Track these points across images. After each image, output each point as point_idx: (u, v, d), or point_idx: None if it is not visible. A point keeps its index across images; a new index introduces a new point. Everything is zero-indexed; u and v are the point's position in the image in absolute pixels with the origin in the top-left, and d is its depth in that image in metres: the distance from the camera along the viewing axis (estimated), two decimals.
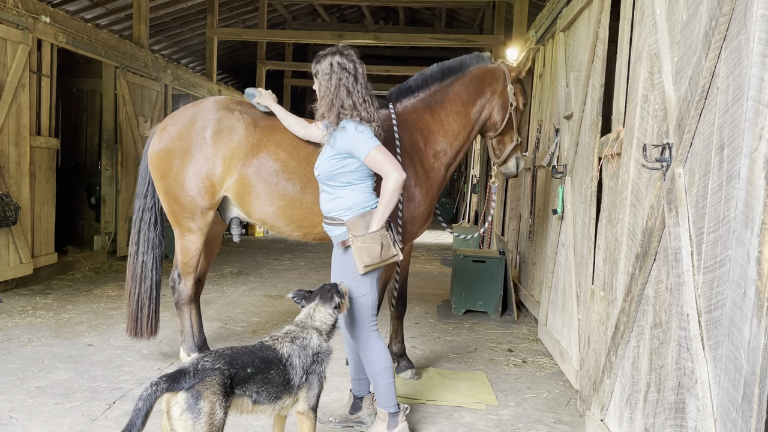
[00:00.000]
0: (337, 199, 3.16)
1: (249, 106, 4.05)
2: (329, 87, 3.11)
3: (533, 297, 5.94)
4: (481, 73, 4.13)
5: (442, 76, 4.09)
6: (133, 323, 4.25)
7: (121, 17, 11.34)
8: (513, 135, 4.24)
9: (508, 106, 4.12)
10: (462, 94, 4.07)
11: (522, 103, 4.23)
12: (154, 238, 4.26)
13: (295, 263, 9.22)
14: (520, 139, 4.29)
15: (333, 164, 3.12)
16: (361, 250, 3.05)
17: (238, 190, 3.90)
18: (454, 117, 4.06)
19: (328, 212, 3.20)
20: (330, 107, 3.12)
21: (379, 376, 3.16)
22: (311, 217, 3.87)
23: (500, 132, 4.20)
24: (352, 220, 3.10)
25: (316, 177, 3.24)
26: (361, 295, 3.16)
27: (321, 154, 3.22)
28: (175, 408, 2.21)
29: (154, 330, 4.29)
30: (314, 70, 3.20)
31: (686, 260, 2.29)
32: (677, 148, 2.40)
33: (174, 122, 4.04)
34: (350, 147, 3.07)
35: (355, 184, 3.15)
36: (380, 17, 17.19)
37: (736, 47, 2.01)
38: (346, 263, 3.16)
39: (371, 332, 3.20)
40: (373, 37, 11.98)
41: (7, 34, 6.08)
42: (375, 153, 3.05)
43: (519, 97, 4.19)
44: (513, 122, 4.18)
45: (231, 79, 18.15)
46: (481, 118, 4.15)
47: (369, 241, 3.05)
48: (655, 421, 2.52)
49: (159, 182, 4.05)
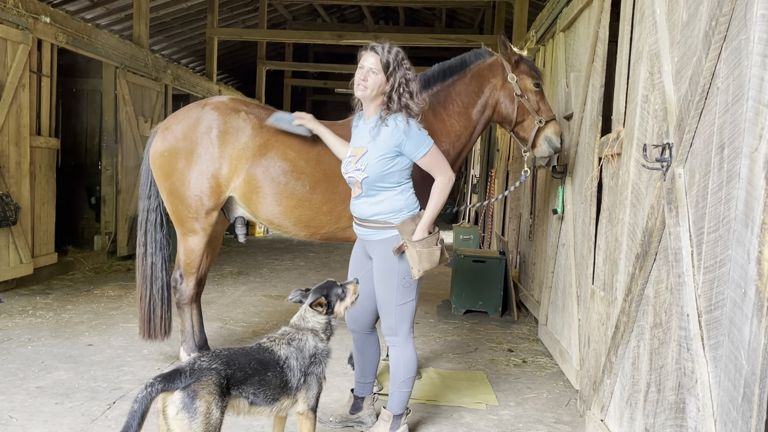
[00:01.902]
0: (385, 201, 3.02)
1: (254, 107, 4.05)
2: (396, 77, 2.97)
3: (533, 297, 5.94)
4: (480, 71, 4.07)
5: (444, 76, 4.04)
6: (146, 325, 4.21)
7: (121, 17, 11.33)
8: (532, 120, 4.08)
9: (514, 96, 4.02)
10: (463, 95, 4.03)
11: (533, 84, 4.07)
12: (162, 238, 4.23)
13: (296, 263, 9.22)
14: (543, 119, 4.09)
15: (384, 164, 2.97)
16: (420, 255, 2.94)
17: (246, 191, 3.89)
18: (456, 118, 4.03)
19: (373, 215, 3.04)
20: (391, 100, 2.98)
21: (404, 384, 3.12)
22: (319, 218, 3.86)
23: (516, 122, 4.11)
24: (403, 223, 2.99)
25: (361, 180, 3.05)
26: (408, 300, 3.07)
27: (363, 155, 3.02)
28: (171, 407, 2.20)
29: (167, 331, 4.26)
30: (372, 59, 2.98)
31: (686, 260, 2.29)
32: (677, 148, 2.40)
33: (178, 122, 4.01)
34: (405, 144, 2.94)
35: (404, 183, 3.05)
36: (380, 17, 17.19)
37: (736, 47, 2.01)
38: (391, 268, 3.03)
39: (409, 339, 3.12)
40: (373, 37, 11.97)
41: (7, 34, 6.08)
42: (433, 152, 2.98)
43: (526, 81, 4.05)
44: (526, 108, 4.05)
45: (231, 79, 18.15)
46: (483, 118, 4.10)
47: (427, 245, 2.95)
48: (655, 421, 2.52)
49: (162, 182, 4.03)
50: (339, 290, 2.84)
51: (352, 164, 3.08)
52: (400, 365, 3.11)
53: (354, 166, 3.06)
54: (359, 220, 3.14)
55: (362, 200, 3.08)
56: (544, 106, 4.13)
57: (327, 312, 2.77)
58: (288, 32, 14.88)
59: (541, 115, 4.09)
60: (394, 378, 3.13)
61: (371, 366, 3.42)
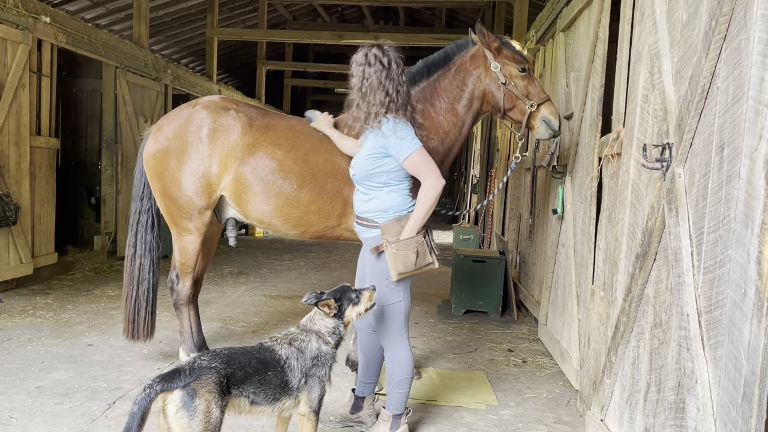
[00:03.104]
0: (373, 200, 3.06)
1: (244, 105, 4.06)
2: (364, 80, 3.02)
3: (533, 297, 5.94)
4: (462, 63, 3.97)
5: (428, 72, 3.98)
6: (130, 325, 4.24)
7: (121, 17, 11.34)
8: (523, 106, 3.95)
9: (500, 85, 3.90)
10: (448, 90, 3.96)
11: (518, 69, 3.91)
12: (151, 240, 4.24)
13: (295, 263, 9.22)
14: (534, 102, 3.94)
15: (370, 163, 3.01)
16: (395, 256, 2.93)
17: (235, 189, 3.91)
18: (444, 114, 3.97)
19: (363, 213, 3.10)
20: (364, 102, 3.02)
21: (399, 384, 3.12)
22: (308, 216, 3.87)
23: (506, 110, 4.01)
24: (387, 224, 3.01)
25: (352, 177, 3.14)
26: (393, 302, 3.06)
27: (359, 152, 3.15)
28: (171, 406, 2.21)
29: (150, 332, 4.29)
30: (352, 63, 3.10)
31: (686, 260, 2.29)
32: (677, 148, 2.40)
33: (169, 122, 4.03)
34: (389, 146, 2.97)
35: (393, 185, 3.05)
36: (380, 17, 17.19)
37: (736, 47, 2.01)
38: (379, 269, 3.05)
39: (401, 340, 3.12)
40: (373, 37, 11.97)
41: (7, 34, 6.08)
42: (416, 156, 2.96)
43: (509, 67, 3.91)
44: (514, 95, 3.92)
45: (231, 79, 18.15)
46: (471, 112, 4.02)
47: (404, 247, 2.93)
48: (655, 421, 2.52)
49: (155, 183, 4.04)
50: (353, 295, 2.79)
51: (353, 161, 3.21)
52: (395, 366, 3.12)
53: (352, 163, 3.20)
54: (356, 215, 3.22)
55: (358, 196, 3.19)
56: (534, 90, 3.98)
57: (336, 315, 2.74)
58: (288, 32, 14.88)
59: (532, 98, 3.96)
60: (389, 379, 3.14)
61: (374, 366, 3.42)
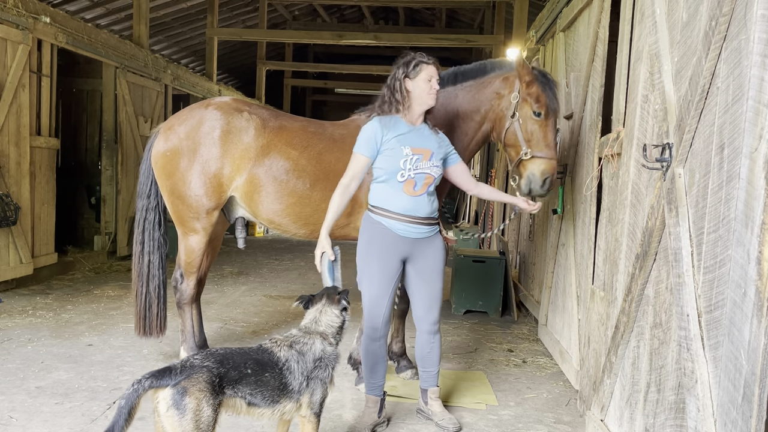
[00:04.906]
0: (435, 200, 3.37)
1: (256, 107, 4.09)
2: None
3: (533, 297, 5.94)
4: (490, 82, 3.89)
5: (455, 80, 3.94)
6: (141, 322, 4.24)
7: (121, 17, 11.33)
8: (518, 148, 3.77)
9: (507, 116, 3.78)
10: (464, 105, 3.91)
11: (533, 112, 3.70)
12: (159, 237, 4.26)
13: (296, 263, 9.22)
14: (530, 152, 3.72)
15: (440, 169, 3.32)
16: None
17: (248, 190, 3.92)
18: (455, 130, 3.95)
19: (431, 213, 3.32)
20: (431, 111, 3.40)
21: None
22: (318, 214, 3.88)
23: (505, 144, 3.86)
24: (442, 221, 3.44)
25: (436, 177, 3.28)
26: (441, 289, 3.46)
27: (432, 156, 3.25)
28: (162, 404, 2.21)
29: (162, 328, 4.30)
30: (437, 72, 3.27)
31: (686, 260, 2.29)
32: (677, 148, 2.40)
33: (181, 122, 4.02)
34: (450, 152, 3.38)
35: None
36: (380, 17, 17.18)
37: (736, 47, 2.01)
38: (441, 258, 3.39)
39: None
40: (373, 37, 11.98)
41: (7, 34, 6.08)
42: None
43: (526, 105, 3.72)
44: (518, 135, 3.75)
45: (231, 79, 18.15)
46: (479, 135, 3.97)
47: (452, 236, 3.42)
48: (655, 421, 2.52)
49: (164, 182, 4.04)
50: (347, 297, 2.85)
51: (422, 161, 3.21)
52: (440, 349, 3.49)
53: (428, 164, 3.23)
54: (421, 218, 3.26)
55: (424, 198, 3.26)
56: (539, 138, 3.72)
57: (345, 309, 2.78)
58: (288, 32, 14.88)
59: (531, 147, 3.72)
60: (436, 359, 3.47)
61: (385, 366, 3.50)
